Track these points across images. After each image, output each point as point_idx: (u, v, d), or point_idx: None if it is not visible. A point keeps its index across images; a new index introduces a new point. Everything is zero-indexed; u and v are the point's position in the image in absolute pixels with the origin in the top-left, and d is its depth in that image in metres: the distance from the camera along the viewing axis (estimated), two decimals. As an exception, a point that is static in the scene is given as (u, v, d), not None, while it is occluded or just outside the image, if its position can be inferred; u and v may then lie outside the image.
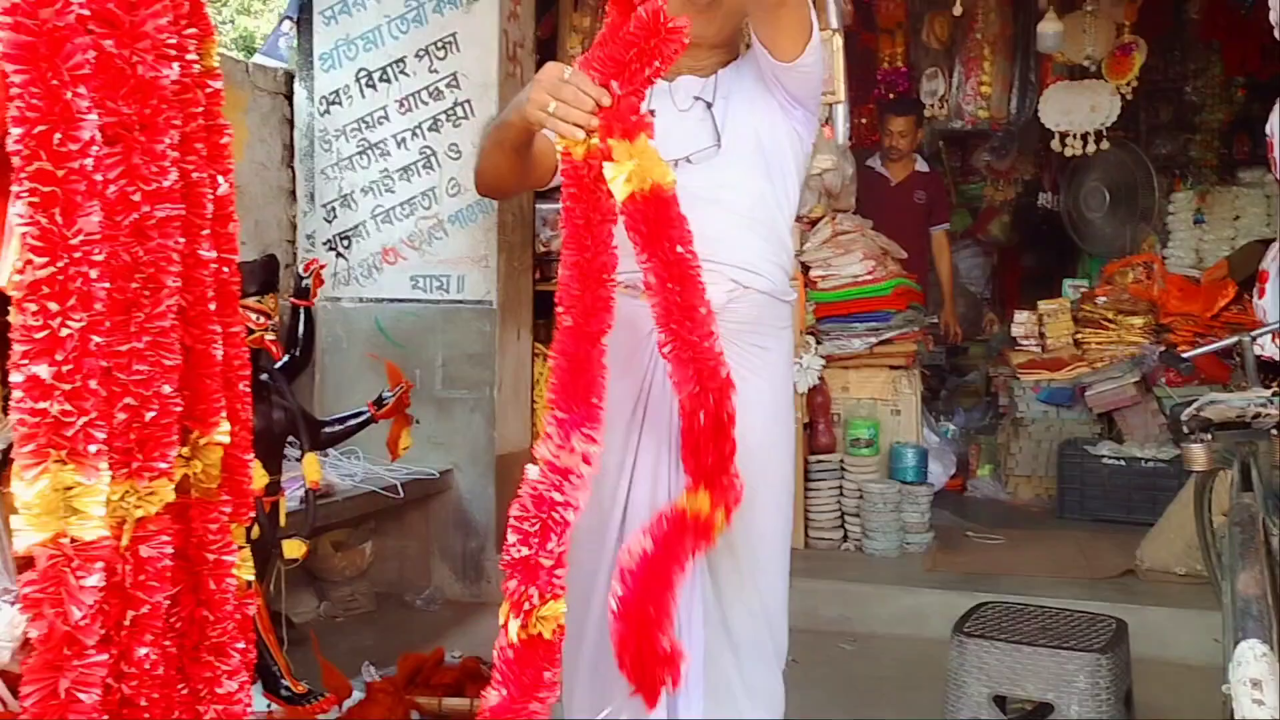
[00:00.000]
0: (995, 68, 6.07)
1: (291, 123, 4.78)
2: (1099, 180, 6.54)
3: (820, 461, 4.70)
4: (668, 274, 1.65)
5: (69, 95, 1.24)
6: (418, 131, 4.59)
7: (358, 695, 3.19)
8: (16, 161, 1.23)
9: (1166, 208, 6.37)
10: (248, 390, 1.41)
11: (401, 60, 4.58)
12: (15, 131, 1.22)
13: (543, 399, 4.93)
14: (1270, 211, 5.93)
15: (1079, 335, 5.70)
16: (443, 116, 4.56)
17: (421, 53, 4.55)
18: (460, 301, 4.57)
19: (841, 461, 4.74)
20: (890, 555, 4.56)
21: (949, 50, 6.25)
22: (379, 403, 3.44)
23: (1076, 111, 5.78)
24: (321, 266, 3.51)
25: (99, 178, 1.26)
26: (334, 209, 4.70)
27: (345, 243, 4.69)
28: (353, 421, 3.46)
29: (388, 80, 4.61)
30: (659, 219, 1.64)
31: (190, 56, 1.35)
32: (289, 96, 4.78)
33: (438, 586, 4.58)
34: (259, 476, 3.12)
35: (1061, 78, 5.96)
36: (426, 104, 4.57)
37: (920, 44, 6.38)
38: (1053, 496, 5.50)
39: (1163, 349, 5.00)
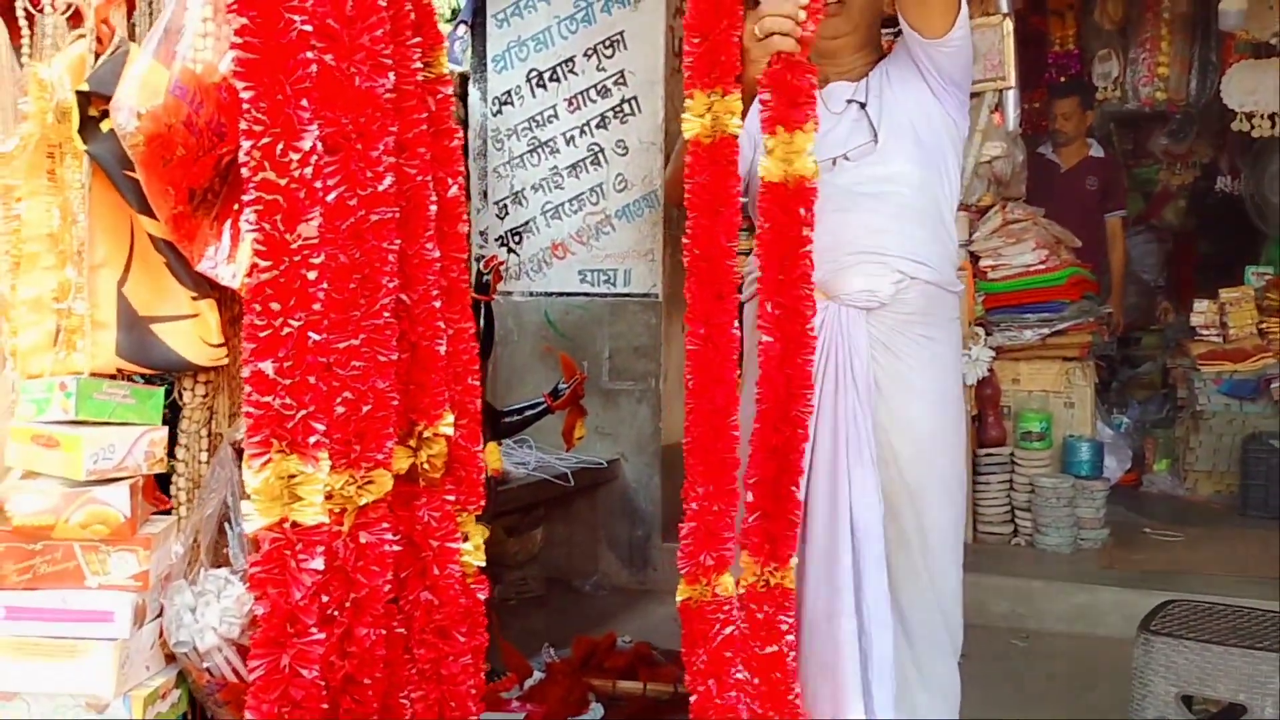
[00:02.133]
0: (1173, 47, 5.83)
1: (466, 123, 4.93)
2: (1284, 163, 6.22)
3: (989, 455, 4.61)
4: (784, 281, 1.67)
5: (292, 108, 1.33)
6: (586, 129, 4.68)
7: (538, 675, 3.30)
8: (245, 173, 1.32)
9: (1359, 189, 6.02)
10: (476, 384, 1.48)
11: (570, 60, 4.68)
12: (244, 144, 1.32)
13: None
14: None
15: (1264, 324, 5.43)
16: (610, 113, 4.64)
17: (590, 52, 4.64)
18: (627, 295, 4.65)
19: (1012, 455, 4.64)
20: (1063, 551, 4.44)
21: (1123, 31, 6.03)
22: (555, 393, 3.54)
23: (1262, 90, 5.50)
24: (501, 263, 3.63)
25: (319, 185, 1.35)
26: (506, 206, 4.84)
27: (516, 238, 4.82)
28: (530, 412, 3.57)
29: (557, 79, 4.72)
30: (789, 218, 1.66)
31: (415, 65, 1.43)
32: (464, 98, 4.93)
33: (605, 573, 4.68)
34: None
35: (1245, 56, 5.68)
36: (594, 101, 4.66)
37: (1092, 25, 6.18)
38: (1235, 493, 5.27)
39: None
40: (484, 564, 1.49)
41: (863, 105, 2.08)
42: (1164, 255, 7.42)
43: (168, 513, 1.44)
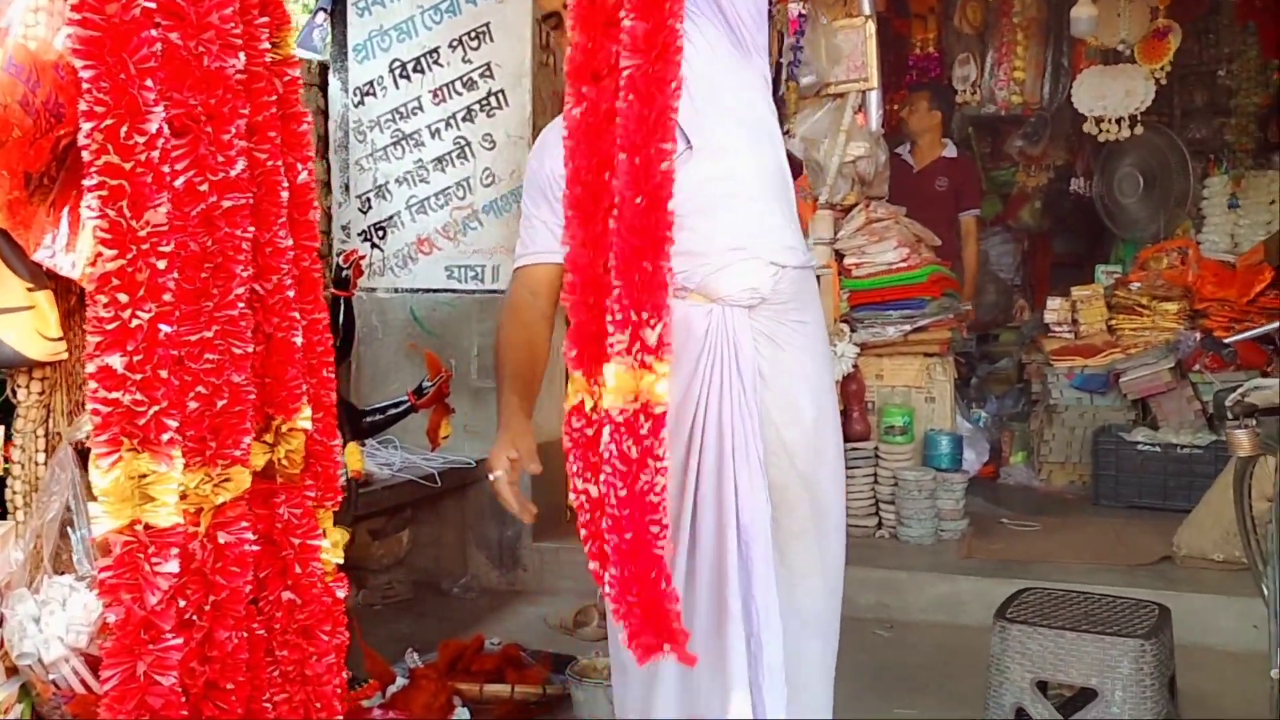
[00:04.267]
0: (1028, 52, 6.03)
1: (326, 114, 4.81)
2: (1133, 165, 6.49)
3: (855, 449, 4.69)
4: None
5: (136, 89, 1.26)
6: (451, 122, 4.61)
7: (401, 681, 3.22)
8: (86, 156, 1.24)
9: (1201, 192, 6.31)
10: (331, 377, 1.43)
11: (435, 51, 4.60)
12: (85, 126, 1.24)
13: (577, 388, 4.96)
14: (1306, 196, 5.87)
15: (1113, 321, 5.66)
16: (476, 107, 4.58)
17: (455, 43, 4.57)
18: (495, 291, 4.59)
19: (876, 449, 4.73)
20: (925, 542, 4.55)
21: (981, 36, 6.22)
22: (419, 392, 3.47)
23: (1111, 96, 5.73)
24: (361, 258, 3.54)
25: (166, 170, 1.28)
26: (369, 200, 4.73)
27: (380, 233, 4.72)
28: (394, 410, 3.50)
29: (421, 71, 4.63)
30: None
31: (264, 45, 1.37)
32: (323, 88, 4.80)
33: (474, 574, 4.61)
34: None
35: (1095, 62, 5.91)
36: (460, 94, 4.59)
37: (953, 29, 6.35)
38: (1087, 483, 5.47)
39: (1199, 334, 4.96)
40: (342, 562, 1.44)
41: None
42: (1020, 255, 7.66)
43: (1, 517, 1.35)
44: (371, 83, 4.69)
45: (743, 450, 1.94)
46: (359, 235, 4.73)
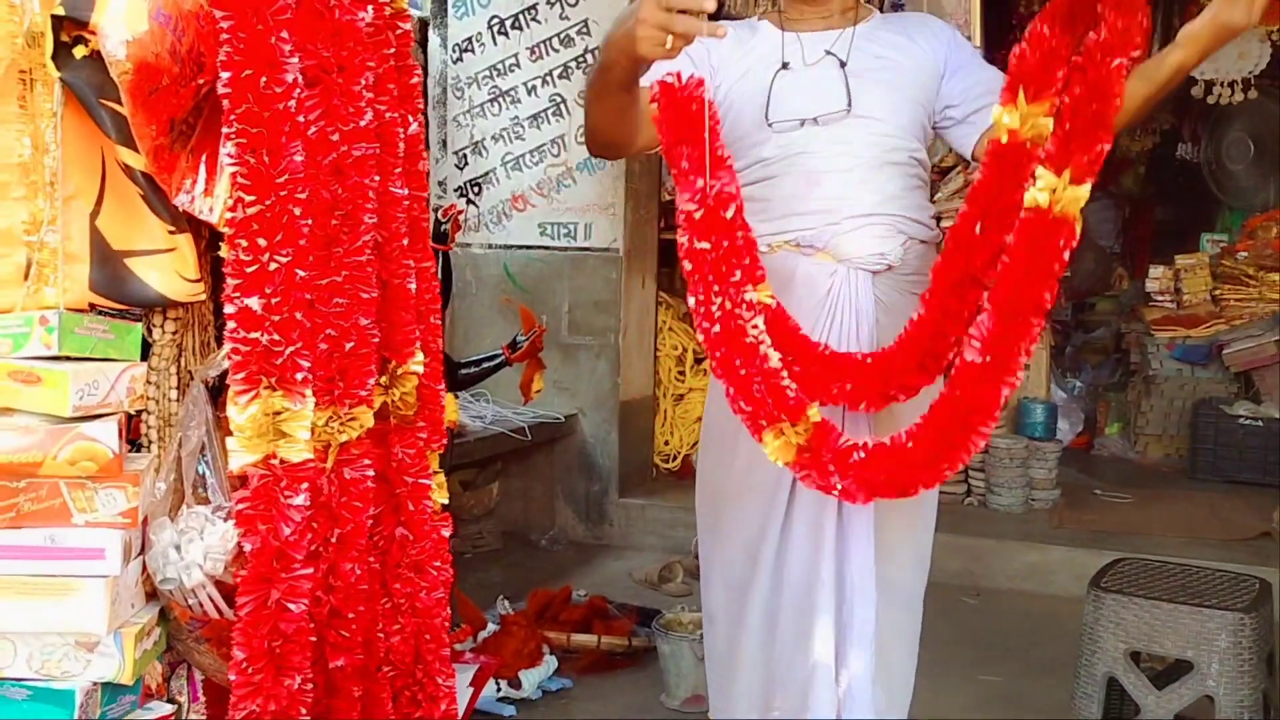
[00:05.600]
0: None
1: (425, 70, 4.86)
2: (1243, 131, 6.28)
3: (945, 415, 4.66)
4: None
5: (273, 40, 1.30)
6: (548, 79, 4.64)
7: (492, 627, 3.30)
8: (225, 105, 1.29)
9: (1314, 160, 6.12)
10: (439, 323, 1.47)
11: (534, 7, 4.62)
12: (223, 76, 1.28)
13: (666, 346, 4.99)
14: None
15: (1217, 291, 5.53)
16: (573, 64, 4.59)
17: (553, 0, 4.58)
18: (587, 249, 4.63)
19: (967, 415, 4.69)
20: (1015, 511, 4.51)
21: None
22: (513, 346, 3.52)
23: (1224, 58, 5.55)
24: (460, 212, 3.58)
25: (301, 119, 1.32)
26: (465, 156, 4.78)
27: (476, 189, 4.78)
28: (488, 364, 3.55)
29: (519, 27, 4.66)
30: None
31: (381, -1, 1.40)
32: (423, 44, 4.85)
33: (561, 528, 4.69)
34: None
35: (1206, 24, 5.71)
36: (557, 51, 4.61)
37: (1057, -11, 6.17)
38: (1184, 456, 5.38)
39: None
40: (447, 502, 1.49)
41: (843, 64, 1.96)
42: (1121, 222, 7.48)
43: (137, 449, 1.41)
44: (470, 39, 4.73)
45: (858, 414, 1.93)
46: (455, 191, 4.79)
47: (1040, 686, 3.16)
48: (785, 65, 1.95)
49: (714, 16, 1.53)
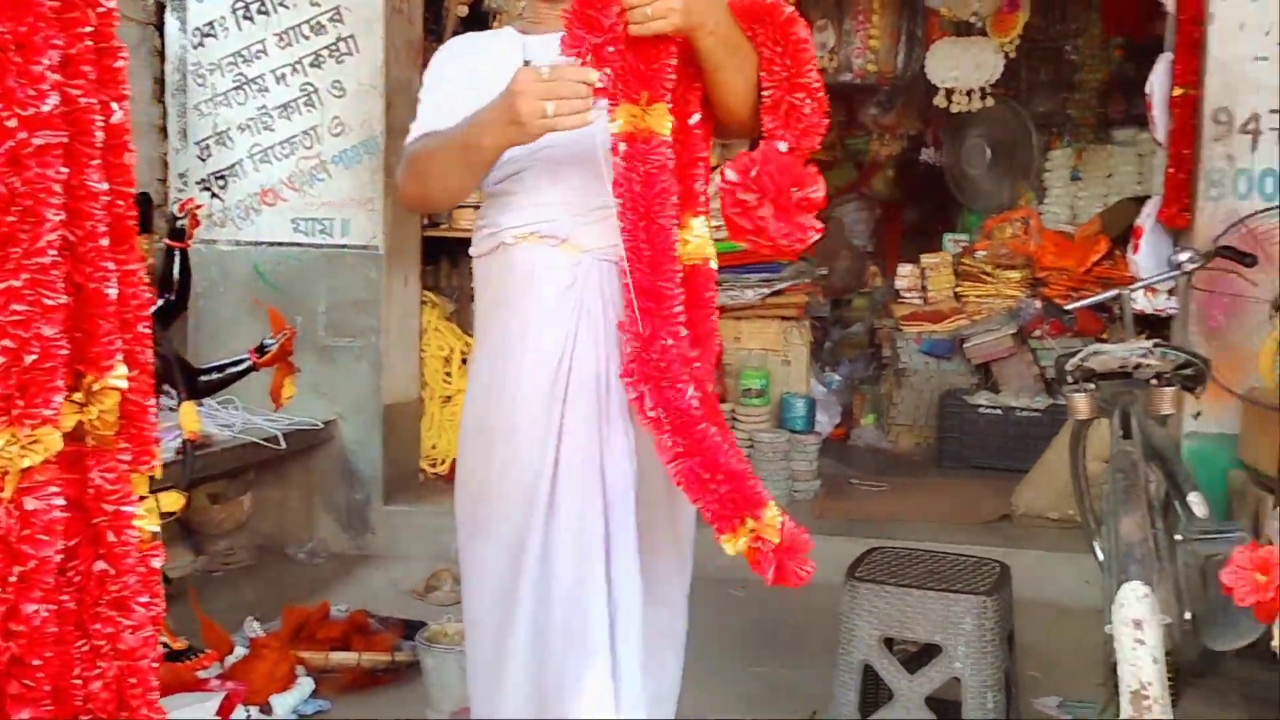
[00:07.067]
0: (884, 21, 6.10)
1: (163, 55, 4.55)
2: (980, 137, 6.65)
3: (710, 411, 4.72)
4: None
5: (-68, 9, 1.14)
6: (298, 67, 4.42)
7: (240, 651, 3.11)
8: (-126, 81, 1.12)
9: (1044, 165, 6.52)
10: (148, 332, 1.32)
11: (281, -8, 4.39)
12: None
13: (431, 348, 4.85)
14: (1142, 169, 6.11)
15: (959, 288, 5.83)
16: (325, 52, 4.39)
17: (302, -15, 4.38)
18: (344, 246, 4.44)
19: (733, 411, 4.76)
20: (780, 503, 4.60)
21: (839, 3, 6.26)
22: (261, 350, 3.34)
23: (962, 67, 5.85)
24: (198, 207, 3.37)
25: (-33, 101, 1.16)
26: (208, 147, 4.50)
27: (220, 182, 4.51)
28: (233, 369, 3.36)
29: (266, 12, 4.42)
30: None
31: (74, -31, 1.25)
32: (159, 27, 4.54)
33: (321, 539, 4.49)
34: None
35: (947, 33, 6.02)
36: (308, 38, 4.40)
37: (811, -5, 6.37)
38: (933, 445, 5.64)
39: (1041, 302, 5.13)
40: (159, 529, 1.34)
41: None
42: (874, 222, 7.81)
43: None
44: (212, 23, 4.45)
45: (619, 406, 1.89)
46: (198, 184, 4.51)
47: (807, 676, 3.21)
48: (527, 64, 1.90)
49: (476, 25, 1.54)
